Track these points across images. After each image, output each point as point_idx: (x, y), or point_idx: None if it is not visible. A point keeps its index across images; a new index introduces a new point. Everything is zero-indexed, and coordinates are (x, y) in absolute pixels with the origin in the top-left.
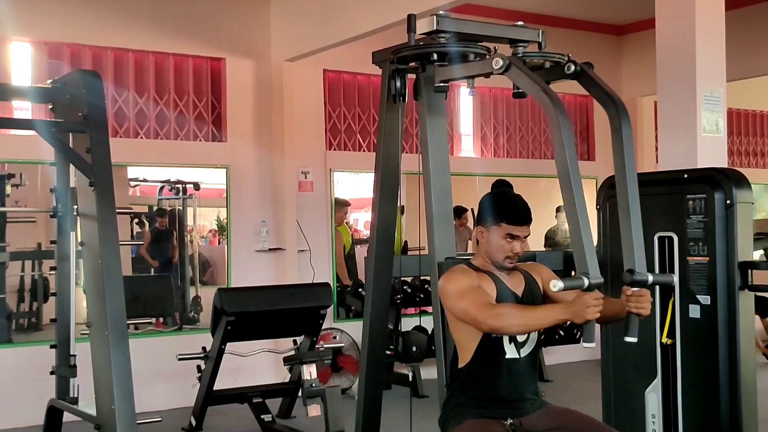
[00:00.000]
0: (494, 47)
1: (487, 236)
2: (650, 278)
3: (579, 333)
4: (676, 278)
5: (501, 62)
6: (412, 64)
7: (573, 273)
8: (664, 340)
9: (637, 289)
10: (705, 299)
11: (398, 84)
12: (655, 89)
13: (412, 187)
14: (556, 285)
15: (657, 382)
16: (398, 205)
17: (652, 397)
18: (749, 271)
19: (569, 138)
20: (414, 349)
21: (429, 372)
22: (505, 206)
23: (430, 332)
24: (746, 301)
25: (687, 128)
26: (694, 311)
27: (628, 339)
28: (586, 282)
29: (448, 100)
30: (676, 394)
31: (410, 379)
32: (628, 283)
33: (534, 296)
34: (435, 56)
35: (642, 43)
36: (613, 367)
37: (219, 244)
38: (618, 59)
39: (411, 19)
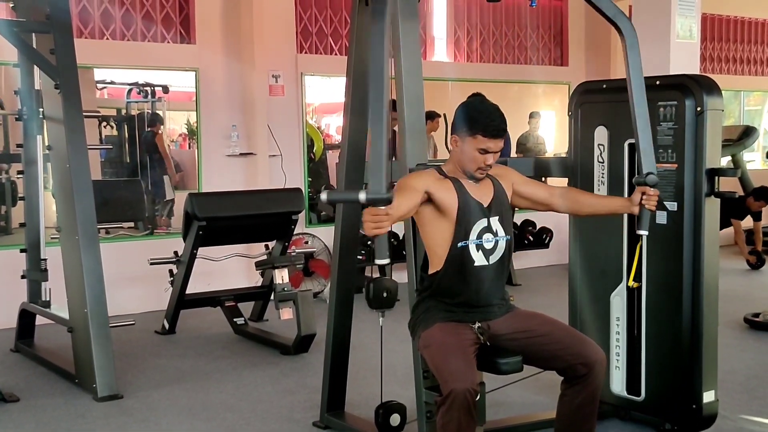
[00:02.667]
0: None
1: (461, 145)
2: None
3: (547, 239)
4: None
5: None
6: None
7: (543, 179)
8: (631, 283)
9: (651, 188)
10: (672, 205)
11: None
12: None
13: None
14: (321, 196)
15: (622, 286)
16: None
17: (617, 301)
18: (716, 178)
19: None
20: (385, 294)
21: (398, 276)
22: (482, 117)
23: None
24: (712, 207)
25: (661, 34)
26: (661, 217)
27: (641, 232)
28: (362, 196)
29: (421, 2)
30: (641, 297)
31: (381, 324)
32: (653, 184)
33: (501, 206)
34: None
35: None
36: (580, 271)
37: (189, 148)
38: None
39: None
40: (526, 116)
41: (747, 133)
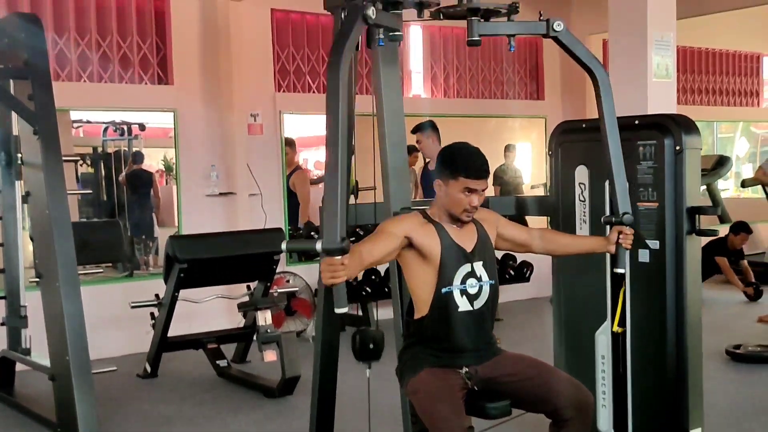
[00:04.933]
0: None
1: (445, 189)
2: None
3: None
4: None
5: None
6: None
7: (523, 216)
8: (615, 328)
9: (626, 227)
10: (654, 244)
11: None
12: (603, 27)
13: (363, 129)
14: (282, 245)
15: (606, 324)
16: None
17: (602, 339)
18: (697, 216)
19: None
20: (371, 346)
21: (382, 312)
22: (463, 160)
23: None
24: (694, 245)
25: (638, 74)
26: (644, 256)
27: (619, 270)
28: (318, 246)
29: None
30: (625, 336)
31: (368, 375)
32: (629, 223)
33: (485, 250)
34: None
35: None
36: (563, 310)
37: (166, 184)
38: None
39: None
40: (502, 149)
41: (721, 163)
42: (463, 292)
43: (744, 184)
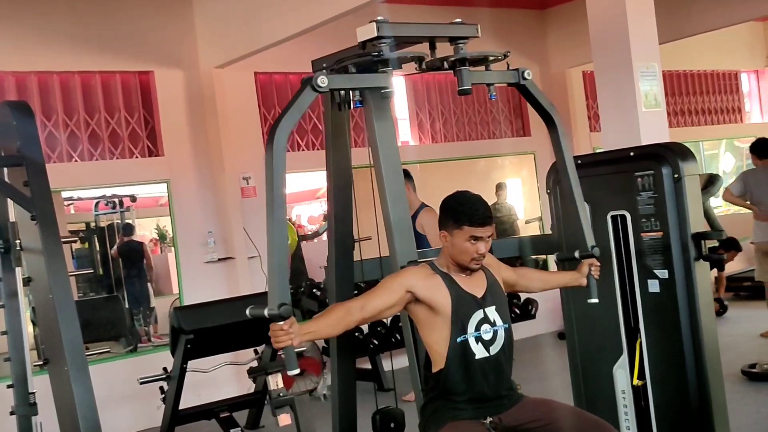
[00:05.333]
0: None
1: (451, 240)
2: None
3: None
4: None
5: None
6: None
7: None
8: (636, 382)
9: (595, 260)
10: (663, 273)
11: (342, 92)
12: (581, 60)
13: (360, 180)
14: (247, 311)
15: (624, 359)
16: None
17: (621, 374)
18: (702, 241)
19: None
20: (392, 425)
21: (397, 361)
22: (467, 209)
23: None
24: (702, 271)
25: (627, 106)
26: (653, 286)
27: (592, 300)
28: (265, 312)
29: None
30: (643, 368)
31: None
32: (597, 256)
33: (496, 294)
34: (381, 64)
35: (565, 15)
36: (579, 347)
37: (161, 252)
38: (543, 33)
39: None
40: (494, 188)
41: (711, 181)
42: (479, 339)
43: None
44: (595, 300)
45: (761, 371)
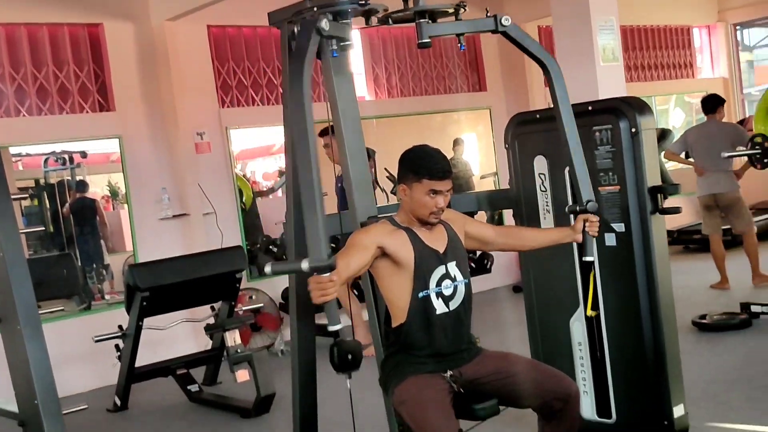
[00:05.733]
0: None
1: (410, 193)
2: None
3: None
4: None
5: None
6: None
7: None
8: (589, 312)
9: (592, 215)
10: (619, 227)
11: None
12: (537, 14)
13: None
14: (266, 269)
15: (580, 311)
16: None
17: (577, 326)
18: (658, 195)
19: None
20: (349, 357)
21: (346, 320)
22: (426, 162)
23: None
24: (658, 224)
25: (585, 60)
26: (610, 239)
27: (587, 259)
28: (305, 265)
29: None
30: (600, 320)
31: (348, 386)
32: (593, 211)
33: (457, 250)
34: (339, 14)
35: None
36: (536, 300)
37: (113, 209)
38: None
39: None
40: (451, 143)
41: (663, 136)
42: (439, 294)
43: (687, 154)
44: (589, 258)
45: (711, 322)
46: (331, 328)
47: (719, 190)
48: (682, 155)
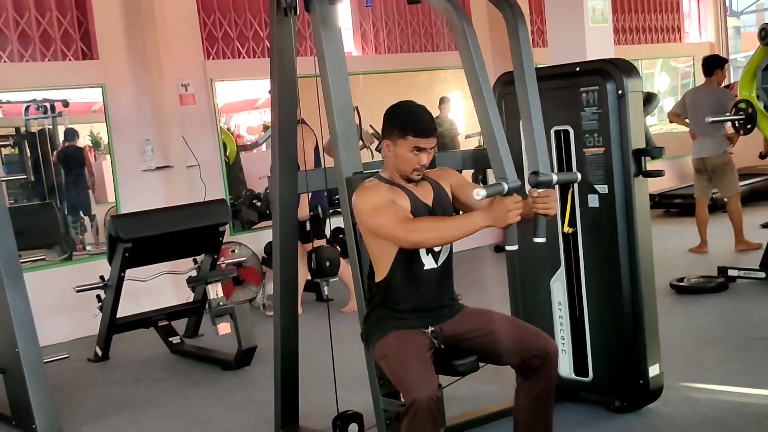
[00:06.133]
0: None
1: (394, 149)
2: (555, 178)
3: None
4: (579, 175)
5: None
6: None
7: (480, 177)
8: (566, 229)
9: (543, 190)
10: (602, 188)
11: None
12: None
13: (307, 92)
14: (479, 194)
15: (561, 271)
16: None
17: (558, 286)
18: (642, 158)
19: (476, 46)
20: (327, 264)
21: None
22: (411, 119)
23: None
24: (641, 187)
25: (575, 20)
26: (593, 201)
27: (537, 240)
28: (506, 187)
29: None
30: (580, 281)
31: (325, 294)
32: (534, 185)
33: (444, 205)
34: None
35: None
36: (518, 260)
37: (96, 160)
38: None
39: None
40: (437, 101)
41: (648, 100)
42: (429, 249)
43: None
44: (540, 240)
45: (688, 285)
46: (510, 248)
47: (706, 154)
48: (677, 115)
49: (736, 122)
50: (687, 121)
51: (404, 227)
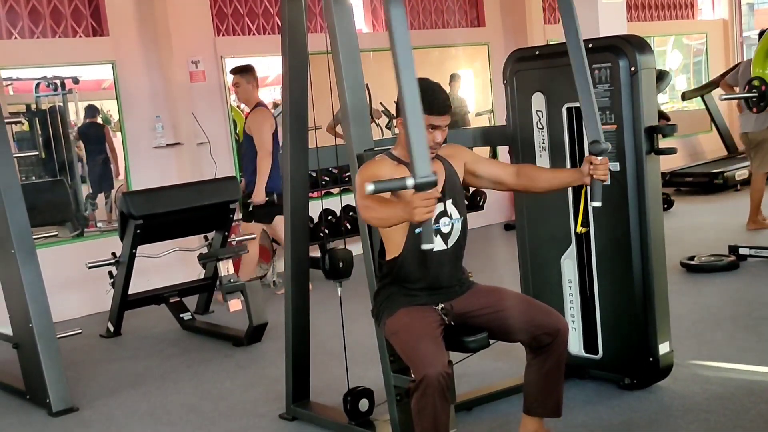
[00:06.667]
0: None
1: None
2: (609, 146)
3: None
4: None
5: None
6: None
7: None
8: (579, 229)
9: (601, 158)
10: (614, 166)
11: None
12: None
13: (318, 68)
14: (368, 188)
15: (572, 249)
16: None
17: (568, 264)
18: (655, 135)
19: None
20: (341, 264)
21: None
22: (426, 96)
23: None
24: (653, 164)
25: None
26: None
27: (595, 204)
28: (410, 182)
29: None
30: (591, 258)
31: (339, 293)
32: (597, 153)
33: (454, 188)
34: None
35: None
36: (528, 237)
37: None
38: None
39: None
40: (448, 78)
41: (660, 77)
42: (437, 231)
43: (684, 96)
44: (595, 204)
45: (699, 263)
46: (425, 247)
47: (750, 129)
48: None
49: (750, 100)
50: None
51: (362, 202)
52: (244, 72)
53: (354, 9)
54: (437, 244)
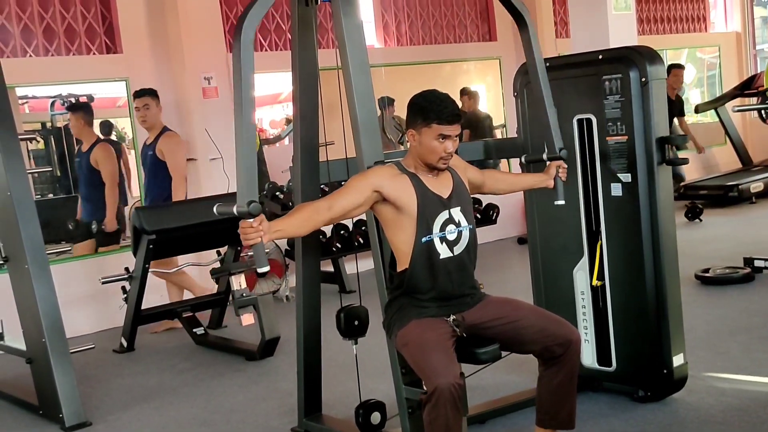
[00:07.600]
0: None
1: (419, 138)
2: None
3: None
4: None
5: None
6: None
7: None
8: (595, 282)
9: (563, 162)
10: (626, 177)
11: None
12: None
13: (328, 84)
14: (214, 209)
15: (584, 261)
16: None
17: (581, 275)
18: (666, 146)
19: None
20: (356, 323)
21: (351, 267)
22: (435, 106)
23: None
24: (664, 175)
25: (598, 8)
26: (616, 189)
27: (558, 202)
28: (234, 210)
29: None
30: (603, 269)
31: (354, 352)
32: (565, 158)
33: (462, 196)
34: None
35: None
36: (540, 249)
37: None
38: None
39: None
40: (458, 93)
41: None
42: (443, 239)
43: (697, 109)
44: (561, 202)
45: (714, 275)
46: (260, 270)
47: None
48: None
49: (762, 111)
50: None
51: (310, 208)
52: (155, 95)
53: (366, 25)
54: (444, 252)
